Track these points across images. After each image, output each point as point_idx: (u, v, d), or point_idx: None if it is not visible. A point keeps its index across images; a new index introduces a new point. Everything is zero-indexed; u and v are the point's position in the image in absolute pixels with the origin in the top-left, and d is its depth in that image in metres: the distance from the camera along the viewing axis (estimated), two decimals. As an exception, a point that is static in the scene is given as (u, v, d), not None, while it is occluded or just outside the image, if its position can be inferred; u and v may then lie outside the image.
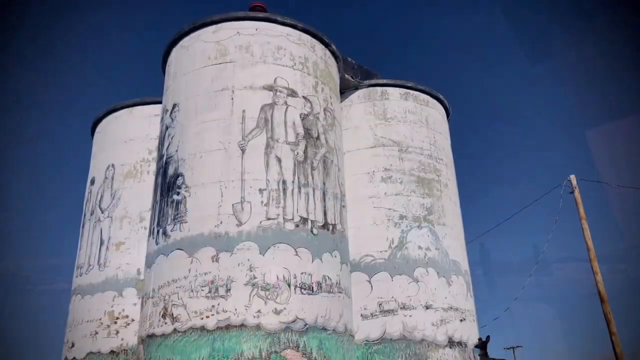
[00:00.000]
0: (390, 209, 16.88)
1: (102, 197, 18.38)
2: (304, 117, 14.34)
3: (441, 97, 20.00)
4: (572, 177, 18.66)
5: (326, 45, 16.30)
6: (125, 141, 18.96)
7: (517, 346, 43.60)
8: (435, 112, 19.50)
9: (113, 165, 18.65)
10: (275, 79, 14.40)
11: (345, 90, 18.68)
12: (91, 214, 18.48)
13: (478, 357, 14.64)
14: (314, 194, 13.67)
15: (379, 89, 18.86)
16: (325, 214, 13.76)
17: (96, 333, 16.43)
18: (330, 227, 13.79)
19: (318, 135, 14.50)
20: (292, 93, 14.42)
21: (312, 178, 13.83)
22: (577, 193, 18.44)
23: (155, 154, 18.03)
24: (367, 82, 18.91)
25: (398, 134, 18.09)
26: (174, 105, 14.84)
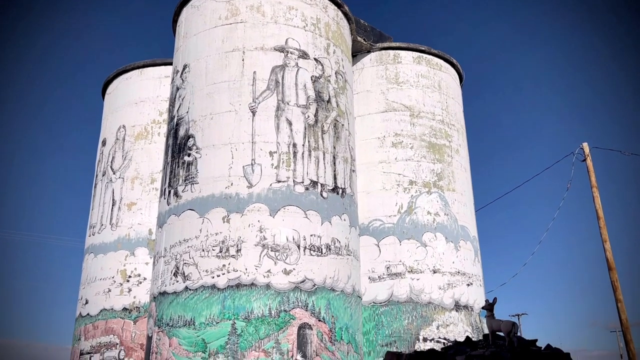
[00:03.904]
0: (400, 174, 16.87)
1: (113, 158, 18.51)
2: (315, 80, 14.19)
3: (454, 61, 19.65)
4: (585, 145, 18.41)
5: (338, 6, 15.98)
6: (135, 102, 18.95)
7: (523, 313, 44.16)
8: (448, 77, 19.22)
9: (124, 127, 18.71)
10: (287, 40, 14.21)
11: (357, 53, 18.40)
12: (103, 175, 18.66)
13: (485, 319, 14.84)
14: (324, 158, 13.67)
15: (391, 52, 18.56)
16: (335, 177, 13.78)
17: (109, 291, 16.83)
18: (340, 191, 13.84)
19: (329, 99, 14.38)
20: (304, 55, 14.23)
21: (323, 142, 13.80)
22: (589, 161, 18.23)
23: (166, 116, 18.04)
24: (379, 45, 18.59)
25: (410, 99, 17.89)
26: (185, 67, 14.73)
